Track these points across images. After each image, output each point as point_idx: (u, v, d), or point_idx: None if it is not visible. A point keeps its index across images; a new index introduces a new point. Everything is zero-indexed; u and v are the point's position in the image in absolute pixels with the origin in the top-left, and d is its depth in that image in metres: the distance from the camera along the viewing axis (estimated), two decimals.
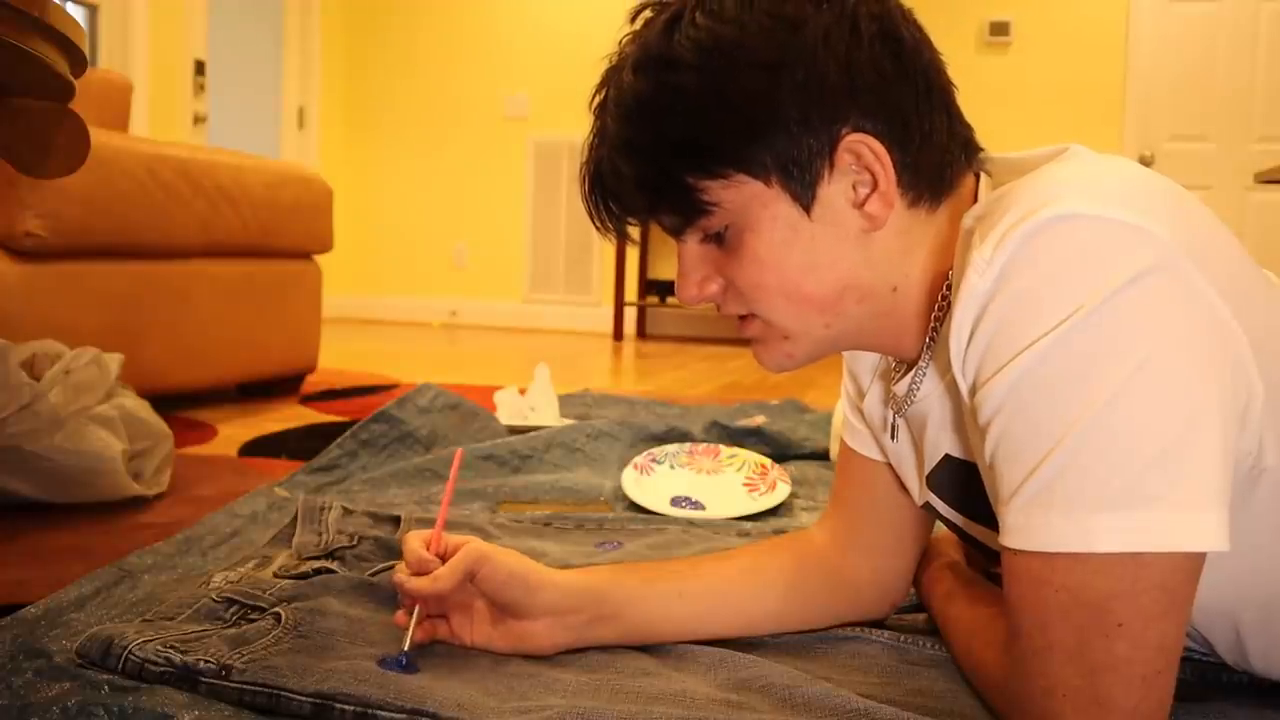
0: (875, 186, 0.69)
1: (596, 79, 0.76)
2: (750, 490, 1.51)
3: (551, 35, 5.47)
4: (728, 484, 1.55)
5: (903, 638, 0.90)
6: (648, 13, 0.73)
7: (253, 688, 0.75)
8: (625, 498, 1.51)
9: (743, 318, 0.76)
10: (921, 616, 0.96)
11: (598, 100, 0.76)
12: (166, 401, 2.04)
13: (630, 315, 5.22)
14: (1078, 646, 0.61)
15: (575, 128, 5.47)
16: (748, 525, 1.38)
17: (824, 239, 0.70)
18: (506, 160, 5.58)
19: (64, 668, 0.78)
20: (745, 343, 0.79)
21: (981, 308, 0.62)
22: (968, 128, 0.75)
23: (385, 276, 5.81)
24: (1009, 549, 0.63)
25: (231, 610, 0.88)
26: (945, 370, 0.73)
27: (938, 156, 0.71)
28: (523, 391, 2.15)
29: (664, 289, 5.16)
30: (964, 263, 0.64)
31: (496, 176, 5.60)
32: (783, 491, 1.48)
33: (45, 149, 1.30)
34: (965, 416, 0.70)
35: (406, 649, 0.80)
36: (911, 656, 0.88)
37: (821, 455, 1.87)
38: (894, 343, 0.76)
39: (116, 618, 0.91)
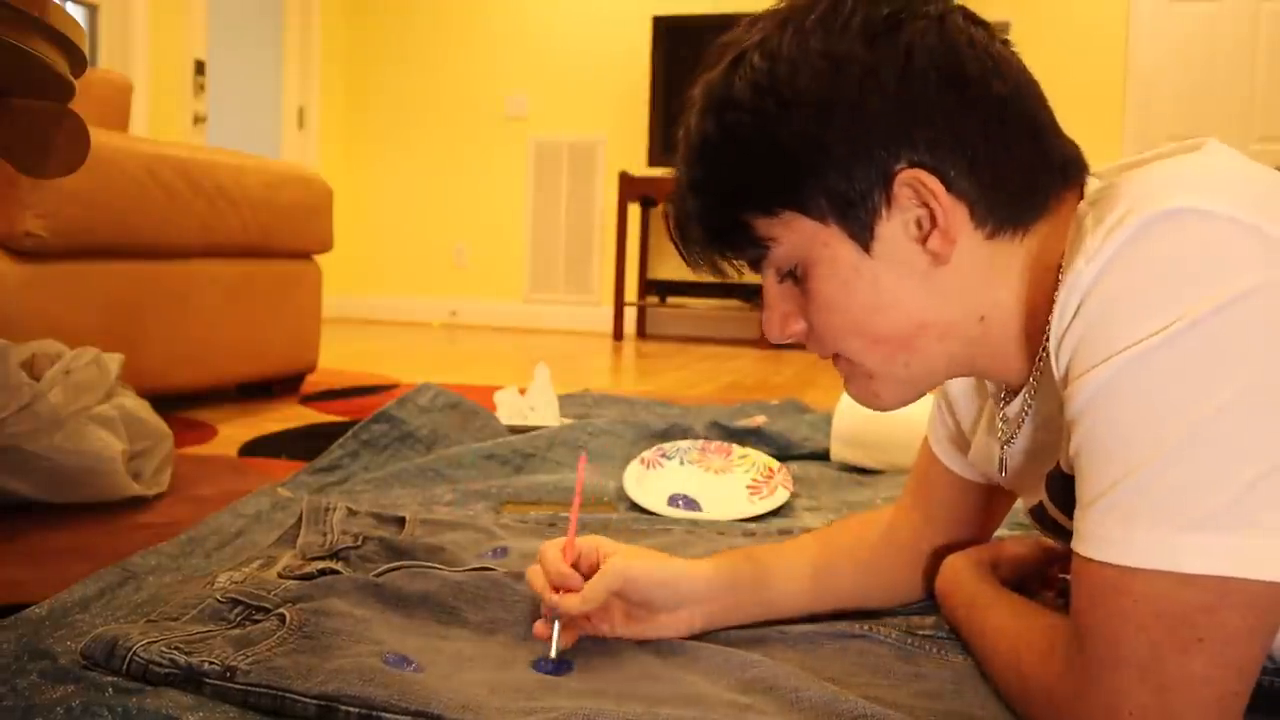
0: (935, 223, 0.68)
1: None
2: (753, 493, 1.51)
3: (551, 35, 5.47)
4: (731, 485, 1.54)
5: (910, 640, 0.90)
6: (720, 53, 0.73)
7: (257, 689, 0.75)
8: (626, 497, 1.51)
9: (834, 355, 0.76)
10: (929, 620, 0.95)
11: (676, 141, 0.76)
12: (166, 401, 2.04)
13: (630, 315, 5.22)
14: (1151, 662, 0.59)
15: (575, 128, 5.47)
16: (752, 526, 1.38)
17: (888, 278, 0.70)
18: (506, 160, 5.58)
19: (68, 669, 0.78)
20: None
21: (1084, 295, 0.61)
22: (1067, 147, 0.72)
23: (385, 276, 5.81)
24: (1083, 556, 0.61)
25: (236, 611, 0.88)
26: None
27: (1018, 184, 0.69)
28: (523, 391, 2.15)
29: (664, 289, 5.16)
30: (1074, 252, 0.63)
31: (496, 176, 5.60)
32: (781, 496, 1.47)
33: (45, 149, 1.29)
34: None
35: (553, 656, 0.83)
36: (919, 658, 0.87)
37: (822, 455, 1.86)
38: (997, 369, 0.75)
39: (121, 619, 0.91)
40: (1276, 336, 0.57)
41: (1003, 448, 0.80)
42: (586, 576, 0.84)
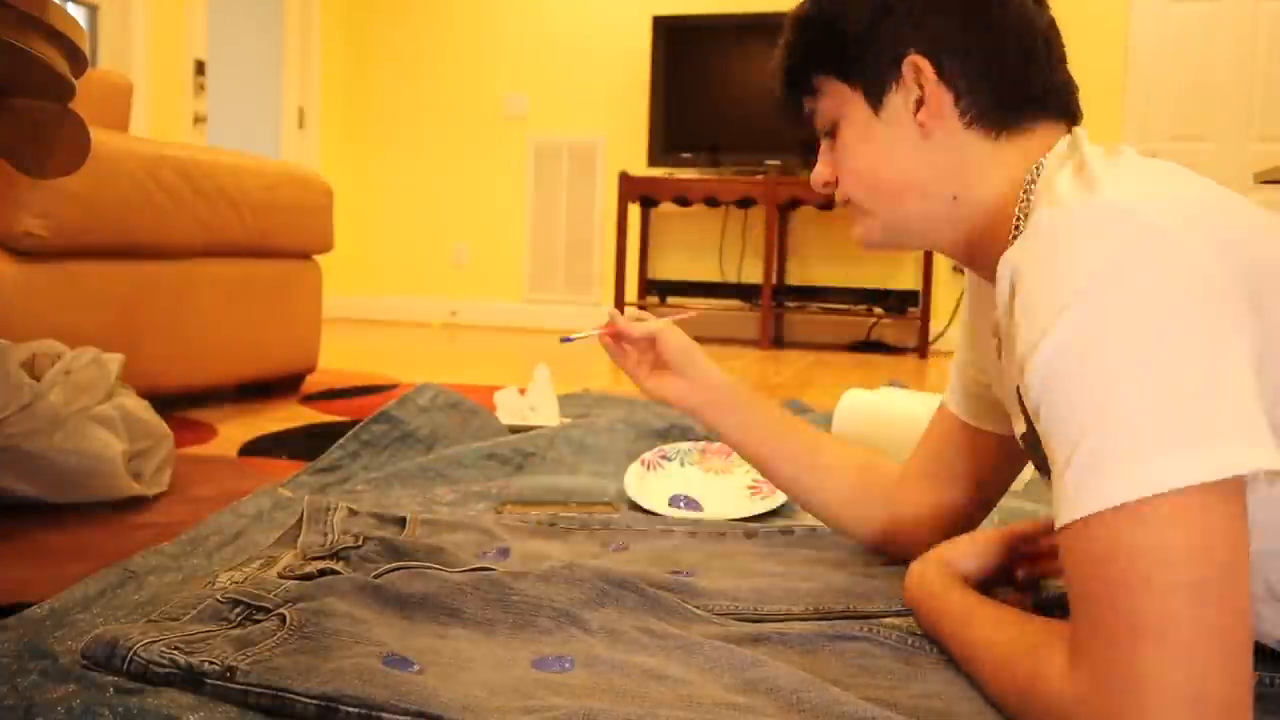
0: (923, 100, 0.86)
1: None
2: (753, 493, 1.51)
3: (551, 35, 5.47)
4: (732, 485, 1.54)
5: (911, 640, 0.90)
6: None
7: (257, 689, 0.75)
8: (627, 498, 1.51)
9: (847, 202, 0.94)
10: None
11: None
12: (166, 401, 2.04)
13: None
14: (1162, 619, 0.60)
15: (575, 128, 5.47)
16: (754, 525, 1.38)
17: (889, 137, 0.89)
18: (506, 160, 5.57)
19: (69, 669, 0.78)
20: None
21: (1010, 290, 0.72)
22: (1062, 84, 0.88)
23: (385, 276, 5.81)
24: (1067, 527, 0.64)
25: (236, 611, 0.88)
26: None
27: (1000, 92, 0.86)
28: (523, 391, 2.15)
29: (664, 289, 5.16)
30: (1023, 215, 0.81)
31: (496, 176, 5.60)
32: (781, 496, 1.47)
33: (45, 149, 1.30)
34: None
35: (573, 337, 1.16)
36: (919, 659, 0.87)
37: None
38: (969, 255, 0.91)
39: (122, 619, 0.91)
40: (1158, 286, 0.64)
41: (1000, 357, 0.87)
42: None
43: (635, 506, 1.47)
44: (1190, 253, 0.66)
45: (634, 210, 5.14)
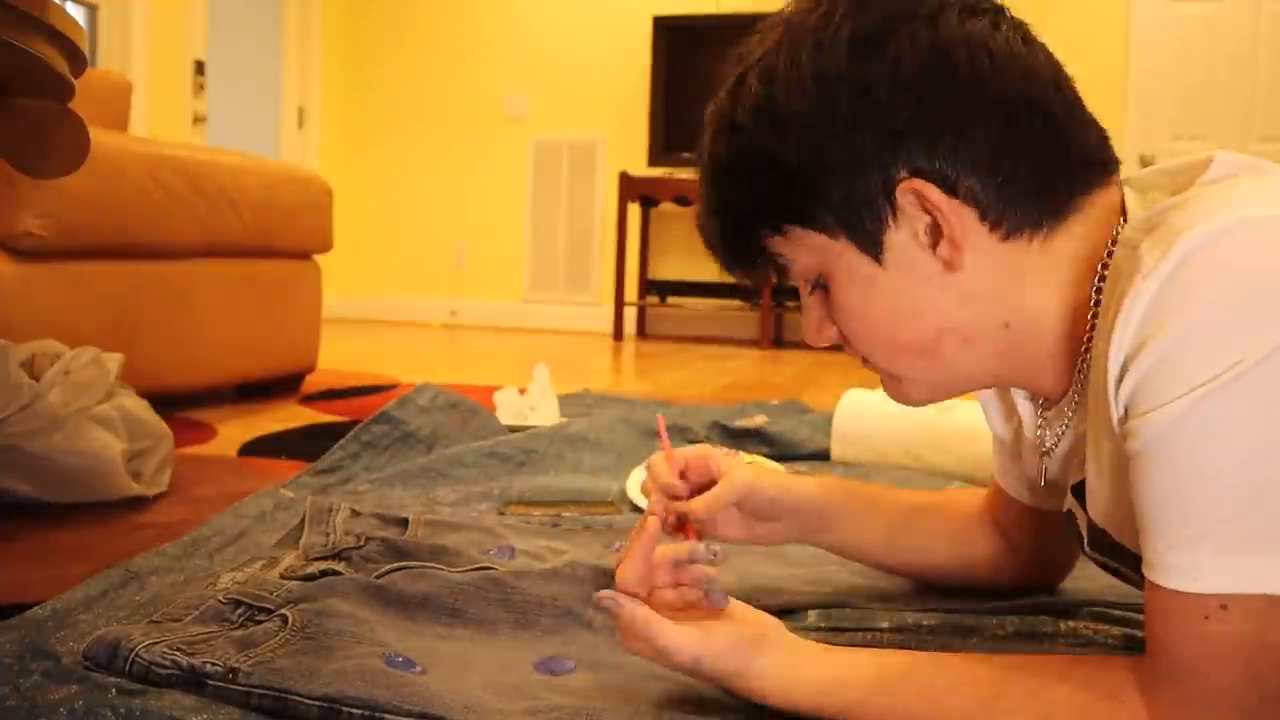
0: (940, 231, 0.68)
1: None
2: None
3: (551, 35, 5.47)
4: None
5: (914, 643, 0.90)
6: (732, 70, 0.74)
7: (259, 690, 0.75)
8: (629, 500, 1.50)
9: (865, 359, 0.76)
10: (926, 619, 0.95)
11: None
12: (166, 401, 2.04)
13: (630, 315, 5.22)
14: (1247, 687, 0.59)
15: (575, 128, 5.47)
16: None
17: (903, 287, 0.69)
18: (506, 160, 5.57)
19: (71, 669, 0.78)
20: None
21: (1143, 317, 0.59)
22: (1093, 143, 0.70)
23: (385, 276, 5.81)
24: (1169, 589, 0.60)
25: (239, 612, 0.88)
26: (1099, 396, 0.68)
27: (1032, 184, 0.67)
28: (523, 391, 2.15)
29: (664, 289, 5.16)
30: (1129, 270, 0.61)
31: (496, 176, 5.60)
32: None
33: (45, 149, 1.29)
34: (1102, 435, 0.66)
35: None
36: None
37: (823, 456, 1.86)
38: (1034, 379, 0.74)
39: (123, 619, 0.91)
40: None
41: (1043, 458, 0.80)
42: (696, 485, 0.92)
43: (637, 508, 1.47)
44: None
45: (634, 210, 5.14)
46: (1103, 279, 0.66)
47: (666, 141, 4.99)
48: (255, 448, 1.91)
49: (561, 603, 0.95)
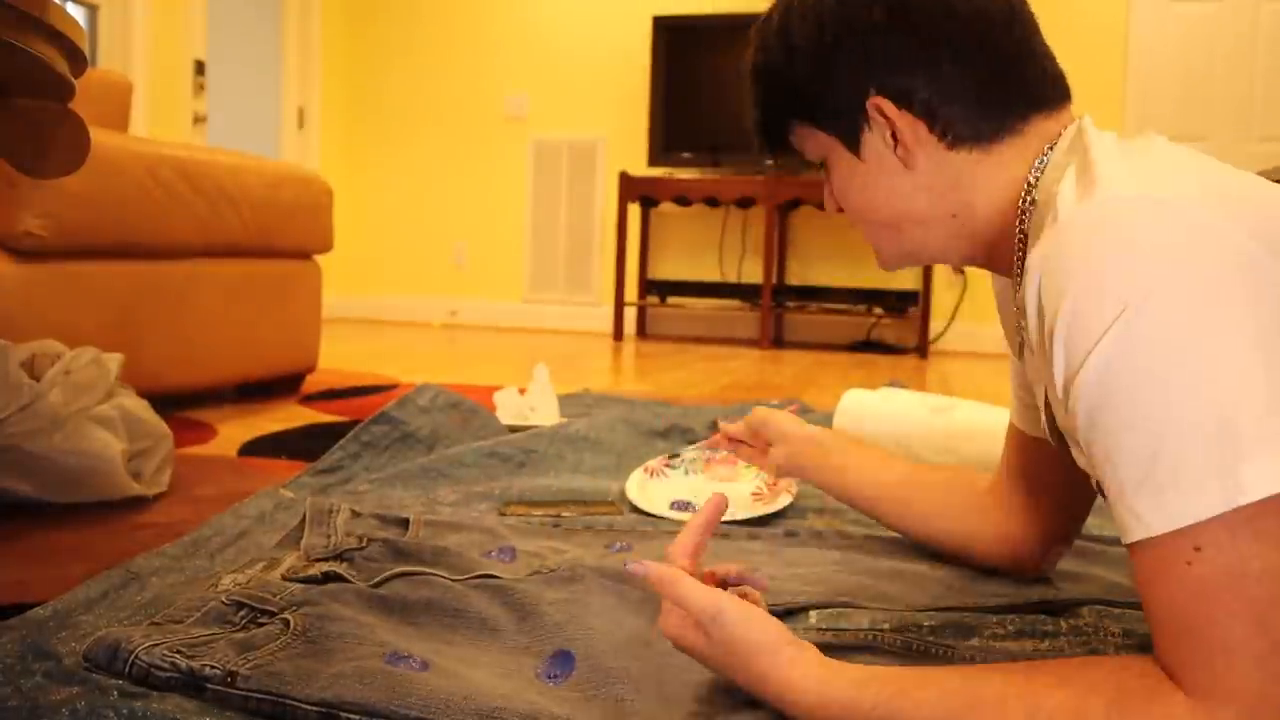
0: (898, 138, 0.84)
1: None
2: (757, 499, 1.50)
3: (551, 35, 5.47)
4: (736, 491, 1.54)
5: (915, 645, 0.90)
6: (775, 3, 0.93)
7: (257, 695, 0.74)
8: (629, 501, 1.50)
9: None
10: (927, 619, 0.95)
11: None
12: (166, 401, 2.04)
13: (630, 315, 5.22)
14: (1256, 631, 0.59)
15: (575, 128, 5.47)
16: (757, 529, 1.38)
17: (874, 175, 0.87)
18: (506, 160, 5.57)
19: (73, 670, 0.78)
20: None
21: (1037, 298, 0.69)
22: (1036, 79, 0.84)
23: (385, 276, 5.81)
24: (1144, 540, 0.62)
25: (241, 614, 0.88)
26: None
27: (977, 106, 0.83)
28: (523, 391, 2.15)
29: (664, 289, 5.16)
30: (1038, 223, 0.76)
31: (496, 176, 5.60)
32: (784, 500, 1.47)
33: (45, 149, 1.29)
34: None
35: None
36: (924, 664, 0.87)
37: None
38: (992, 263, 0.89)
39: (124, 620, 0.91)
40: (1205, 292, 0.62)
41: (1020, 334, 0.88)
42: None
43: (637, 508, 1.47)
44: (1234, 242, 0.64)
45: (634, 210, 5.14)
46: (1030, 190, 0.81)
47: (666, 141, 4.99)
48: (255, 448, 1.91)
49: (562, 603, 0.95)
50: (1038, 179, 0.80)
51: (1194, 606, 0.60)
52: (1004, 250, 0.86)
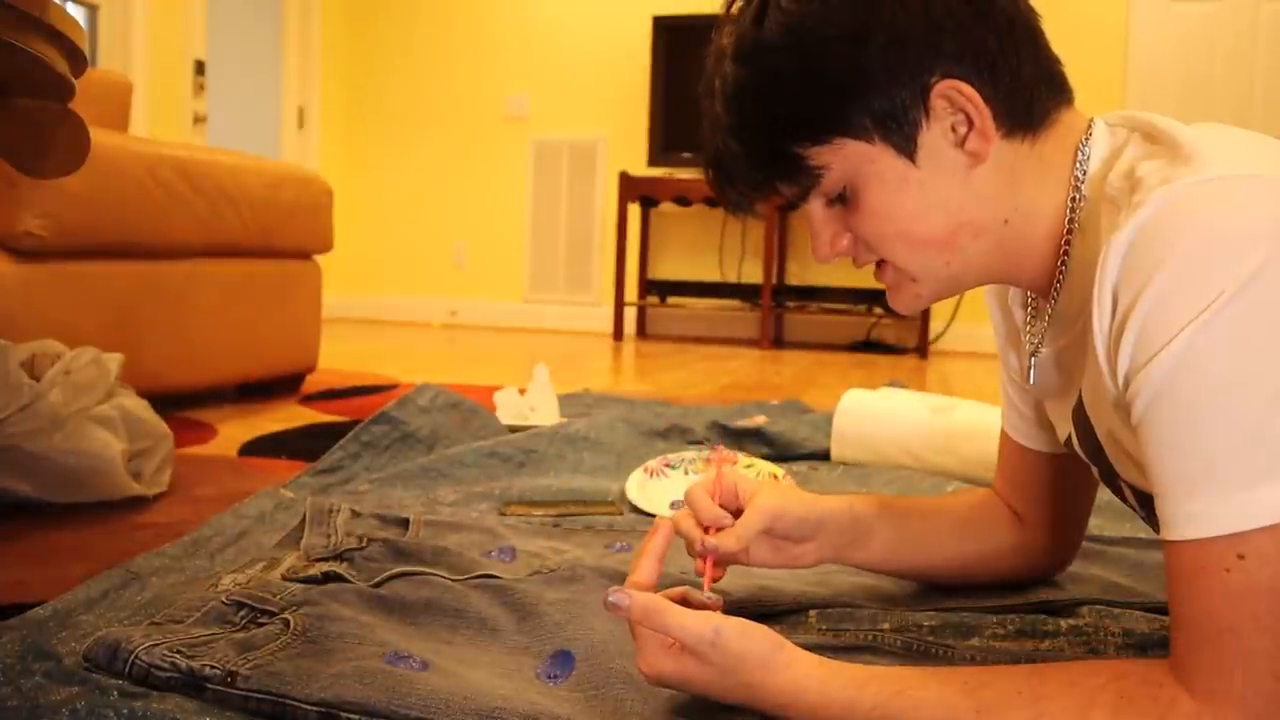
0: (971, 125, 0.74)
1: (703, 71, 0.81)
2: None
3: (551, 35, 5.47)
4: None
5: (916, 645, 0.90)
6: (739, 2, 0.78)
7: (257, 695, 0.74)
8: (629, 501, 1.50)
9: (878, 265, 0.81)
10: (927, 619, 0.95)
11: (706, 90, 0.81)
12: (166, 401, 2.04)
13: (630, 315, 5.21)
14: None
15: (575, 128, 5.47)
16: None
17: (932, 183, 0.75)
18: (506, 160, 5.57)
19: (73, 670, 0.78)
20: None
21: (1126, 283, 0.63)
22: (1054, 61, 0.78)
23: (385, 276, 5.81)
24: (1188, 542, 0.61)
25: (241, 614, 0.88)
26: (1082, 302, 0.74)
27: (1028, 91, 0.75)
28: (523, 391, 2.15)
29: (664, 289, 5.16)
30: (1098, 218, 0.69)
31: (496, 176, 5.60)
32: None
33: (45, 149, 1.29)
34: (1102, 387, 0.69)
35: (706, 591, 0.82)
36: (924, 664, 0.87)
37: (822, 455, 1.86)
38: (1020, 274, 0.80)
39: (125, 620, 0.91)
40: None
41: (1030, 357, 0.84)
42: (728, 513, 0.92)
43: (637, 509, 1.47)
44: None
45: (634, 210, 5.14)
46: (1077, 189, 0.74)
47: (666, 141, 4.99)
48: (255, 448, 1.91)
49: (563, 603, 0.95)
50: (1084, 172, 0.74)
51: (1225, 613, 0.60)
52: (1038, 257, 0.78)
